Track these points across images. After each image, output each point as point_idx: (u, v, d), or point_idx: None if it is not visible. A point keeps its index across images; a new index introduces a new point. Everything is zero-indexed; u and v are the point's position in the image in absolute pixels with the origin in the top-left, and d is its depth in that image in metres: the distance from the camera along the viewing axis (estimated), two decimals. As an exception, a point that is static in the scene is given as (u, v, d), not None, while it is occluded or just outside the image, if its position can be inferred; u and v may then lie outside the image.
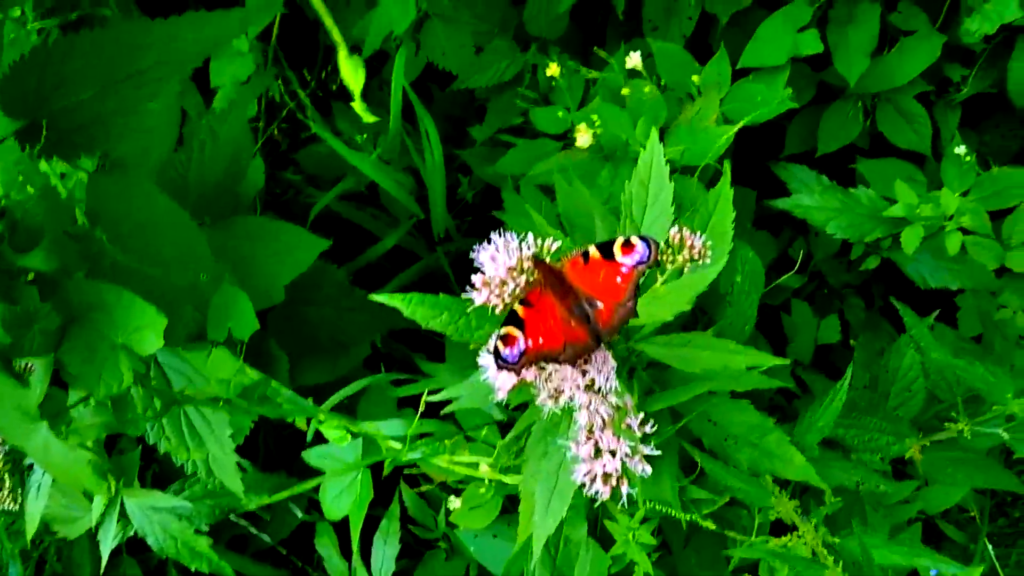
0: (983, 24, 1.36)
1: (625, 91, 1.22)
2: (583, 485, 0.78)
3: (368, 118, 0.71)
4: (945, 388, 1.12)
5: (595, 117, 1.20)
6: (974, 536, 1.60)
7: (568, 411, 0.82)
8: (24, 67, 0.78)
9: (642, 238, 0.79)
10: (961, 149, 1.43)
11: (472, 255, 0.82)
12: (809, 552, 0.97)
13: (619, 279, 0.80)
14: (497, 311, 0.81)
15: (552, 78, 1.33)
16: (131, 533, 1.23)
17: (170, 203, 0.91)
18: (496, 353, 0.76)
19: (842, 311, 1.77)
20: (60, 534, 1.23)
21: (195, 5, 1.52)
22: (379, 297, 0.87)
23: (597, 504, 0.82)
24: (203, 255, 0.93)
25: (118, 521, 1.16)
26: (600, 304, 0.80)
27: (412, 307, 0.87)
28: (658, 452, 0.80)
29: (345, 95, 1.62)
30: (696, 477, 1.08)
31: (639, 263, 0.79)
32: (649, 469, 0.78)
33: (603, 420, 0.79)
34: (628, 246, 0.79)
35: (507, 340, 0.76)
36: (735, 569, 1.10)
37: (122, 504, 1.20)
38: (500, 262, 0.81)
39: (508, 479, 1.05)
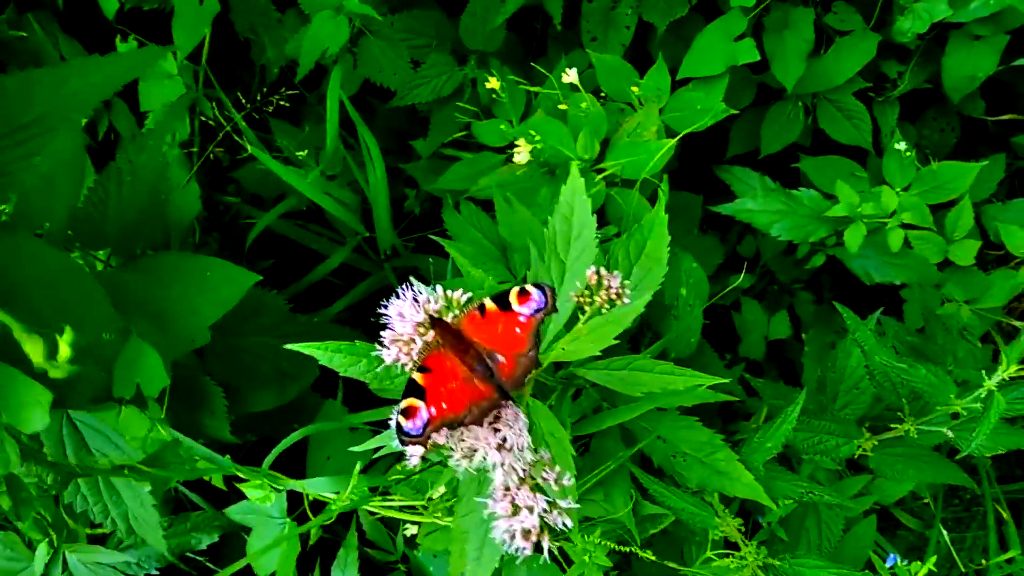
0: (915, 23, 1.38)
1: (563, 106, 1.21)
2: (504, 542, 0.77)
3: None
4: (890, 389, 1.14)
5: (534, 132, 1.19)
6: (929, 522, 1.62)
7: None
8: None
9: (537, 285, 0.78)
10: (902, 145, 1.45)
11: (380, 310, 0.80)
12: (750, 574, 0.97)
13: (518, 329, 0.78)
14: (407, 369, 0.79)
15: (493, 91, 1.32)
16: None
17: (65, 259, 0.88)
18: (399, 428, 0.75)
19: (792, 306, 1.78)
20: (6, 586, 1.20)
21: (122, 26, 1.48)
22: (295, 347, 0.85)
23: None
24: (104, 312, 0.90)
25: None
26: (501, 357, 0.78)
27: (329, 355, 0.85)
28: (576, 505, 0.78)
29: (283, 112, 1.59)
30: (644, 495, 1.09)
31: (537, 311, 0.78)
32: (570, 523, 0.77)
33: (518, 477, 0.78)
34: (524, 295, 0.78)
35: (408, 413, 0.75)
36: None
37: (63, 558, 1.17)
38: (408, 318, 0.79)
39: (443, 521, 1.04)
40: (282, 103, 1.50)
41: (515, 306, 0.78)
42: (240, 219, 1.64)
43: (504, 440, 0.78)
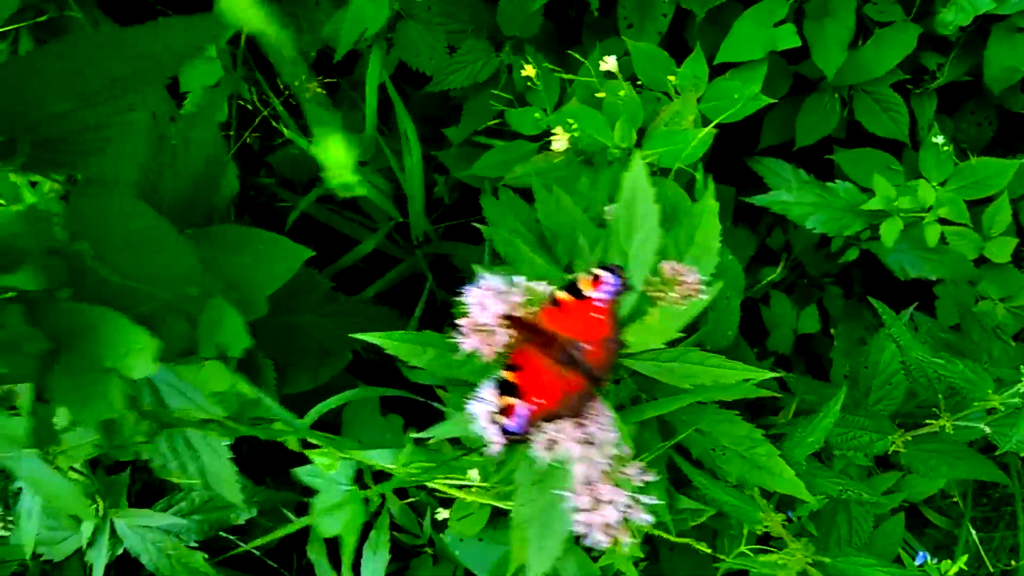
0: (958, 15, 1.36)
1: (600, 94, 1.20)
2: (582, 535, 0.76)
3: (360, 191, 0.68)
4: (925, 384, 1.13)
5: (571, 120, 1.18)
6: (957, 521, 1.61)
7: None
8: (-6, 80, 0.76)
9: (607, 268, 0.77)
10: (939, 139, 1.44)
11: (459, 297, 0.78)
12: (799, 567, 0.97)
13: (597, 315, 0.77)
14: (485, 359, 0.78)
15: (528, 78, 1.32)
16: (119, 552, 1.21)
17: (155, 216, 0.88)
18: (501, 429, 0.74)
19: (821, 300, 1.77)
20: (46, 556, 1.21)
21: (162, 7, 1.49)
22: (362, 336, 0.84)
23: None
24: (191, 269, 0.90)
25: (108, 541, 1.15)
26: (586, 345, 0.77)
27: (395, 344, 0.84)
28: (660, 501, 0.79)
29: (316, 98, 1.59)
30: (686, 487, 1.08)
31: (613, 294, 0.77)
32: (651, 519, 0.76)
33: (601, 472, 0.76)
34: (596, 280, 0.77)
35: (506, 411, 0.74)
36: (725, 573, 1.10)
37: (111, 524, 1.18)
38: (490, 309, 0.77)
39: (502, 504, 1.04)
40: (318, 90, 1.50)
41: (589, 292, 0.77)
42: (275, 202, 1.64)
43: (589, 434, 0.76)
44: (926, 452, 1.21)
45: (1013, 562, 1.58)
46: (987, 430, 1.12)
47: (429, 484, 1.06)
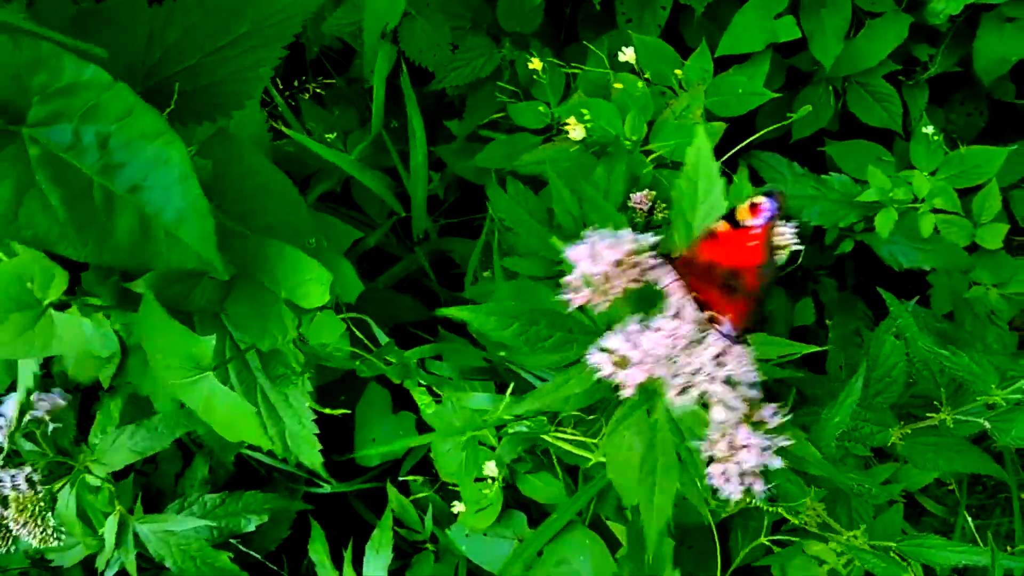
0: (949, 4, 1.38)
1: (618, 85, 1.21)
2: (714, 488, 0.76)
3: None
4: (929, 377, 1.14)
5: (585, 111, 1.19)
6: (953, 509, 1.63)
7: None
8: (129, 35, 0.78)
9: (766, 193, 0.78)
10: (929, 129, 1.45)
11: (566, 253, 0.79)
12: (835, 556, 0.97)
13: (753, 242, 0.78)
14: (601, 309, 0.78)
15: (534, 72, 1.32)
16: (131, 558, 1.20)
17: (277, 171, 0.90)
18: (722, 334, 0.75)
19: (816, 292, 1.78)
20: (55, 563, 1.20)
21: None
22: (447, 311, 0.83)
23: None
24: (307, 220, 0.92)
25: (118, 547, 1.14)
26: (743, 273, 0.78)
27: (482, 318, 0.82)
28: (792, 441, 0.76)
29: (313, 95, 1.59)
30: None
31: (769, 218, 0.77)
32: (781, 463, 0.75)
33: (739, 415, 0.75)
34: (754, 208, 0.78)
35: (715, 321, 0.75)
36: (736, 569, 1.11)
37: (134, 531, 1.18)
38: (604, 257, 0.77)
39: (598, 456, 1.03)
40: (319, 91, 1.50)
41: (746, 220, 0.78)
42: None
43: (729, 374, 0.75)
44: (924, 445, 1.22)
45: (1009, 548, 1.60)
46: (987, 425, 1.13)
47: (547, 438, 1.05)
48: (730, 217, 0.79)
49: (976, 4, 1.45)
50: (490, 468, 1.18)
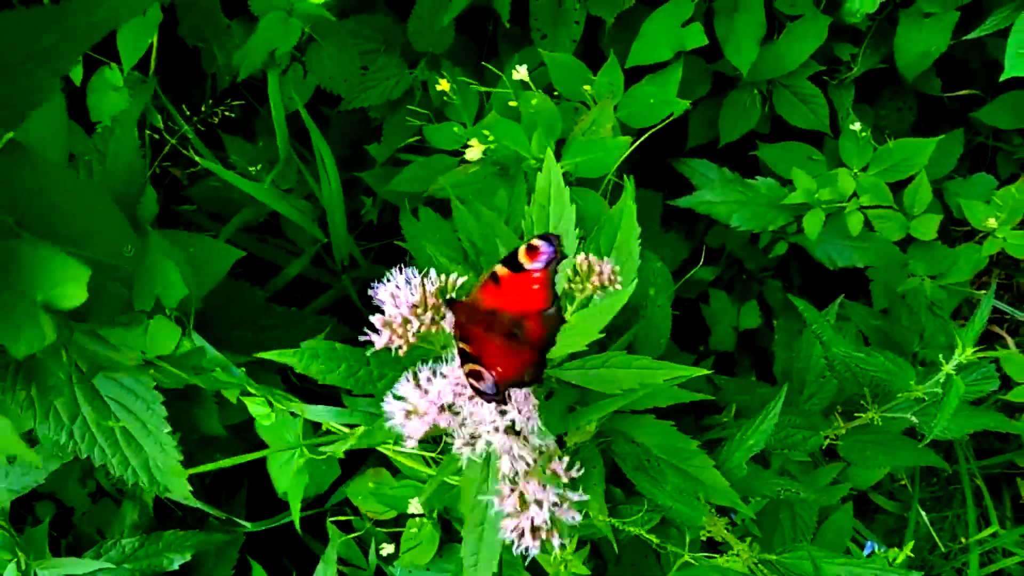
0: (864, 3, 1.38)
1: (513, 103, 1.20)
2: (512, 542, 0.74)
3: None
4: (851, 379, 1.13)
5: (487, 132, 1.17)
6: (908, 504, 1.62)
7: (487, 459, 0.78)
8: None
9: (542, 237, 0.77)
10: (856, 126, 1.45)
11: (371, 292, 0.78)
12: (746, 569, 0.96)
13: (535, 287, 0.77)
14: (401, 352, 0.76)
15: (444, 93, 1.31)
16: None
17: (81, 179, 0.87)
18: (475, 390, 0.73)
19: (762, 294, 1.78)
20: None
21: None
22: (268, 355, 0.82)
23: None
24: (122, 228, 0.89)
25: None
26: (526, 320, 0.77)
27: (306, 362, 0.82)
28: (586, 497, 0.75)
29: (236, 127, 1.57)
30: (627, 495, 1.07)
31: (548, 263, 0.76)
32: (579, 518, 0.74)
33: (527, 467, 0.74)
34: (532, 250, 0.76)
35: (474, 376, 0.73)
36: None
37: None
38: (402, 299, 0.76)
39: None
40: (227, 114, 1.47)
41: (526, 264, 0.77)
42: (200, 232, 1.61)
43: (512, 423, 0.74)
44: (862, 443, 1.22)
45: (963, 539, 1.59)
46: (914, 420, 1.13)
47: (385, 451, 1.03)
48: (511, 261, 0.77)
49: (894, 1, 1.45)
50: (414, 505, 1.16)
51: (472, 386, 0.72)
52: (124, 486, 1.27)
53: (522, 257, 0.77)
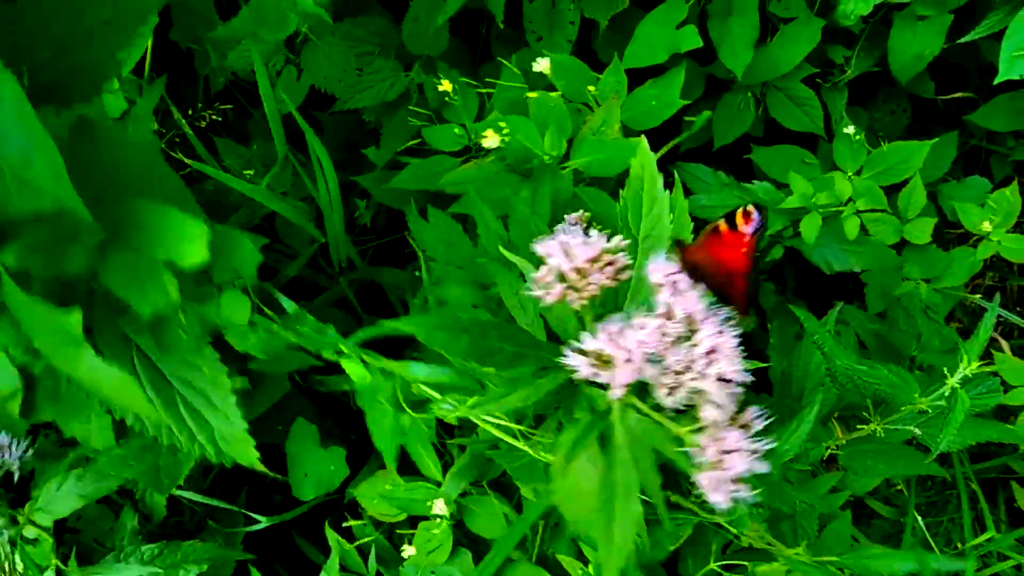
0: (858, 5, 1.38)
1: (533, 94, 1.20)
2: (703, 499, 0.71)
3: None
4: (853, 390, 1.12)
5: (503, 124, 1.18)
6: (903, 509, 1.62)
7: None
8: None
9: (756, 206, 0.85)
10: (850, 129, 1.45)
11: (535, 246, 0.76)
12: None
13: (744, 249, 0.85)
14: (576, 306, 0.75)
15: (445, 94, 1.31)
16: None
17: (151, 154, 0.86)
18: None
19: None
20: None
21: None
22: (393, 323, 0.79)
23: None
24: (192, 203, 0.87)
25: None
26: (732, 275, 0.85)
27: (431, 331, 0.77)
28: (775, 444, 0.73)
29: (230, 130, 1.56)
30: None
31: (755, 230, 0.84)
32: (768, 468, 0.71)
33: (728, 415, 0.71)
34: (747, 215, 0.84)
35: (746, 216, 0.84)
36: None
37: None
38: (579, 254, 0.74)
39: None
40: (215, 117, 1.47)
41: (741, 227, 0.84)
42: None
43: (720, 372, 0.70)
44: (862, 452, 1.21)
45: (960, 544, 1.59)
46: (917, 432, 1.12)
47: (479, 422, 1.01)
48: (730, 219, 0.84)
49: (888, 3, 1.45)
50: (439, 506, 1.16)
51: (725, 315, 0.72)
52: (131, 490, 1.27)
53: (739, 219, 0.84)
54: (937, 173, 1.58)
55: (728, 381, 0.71)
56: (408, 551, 1.27)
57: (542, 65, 1.26)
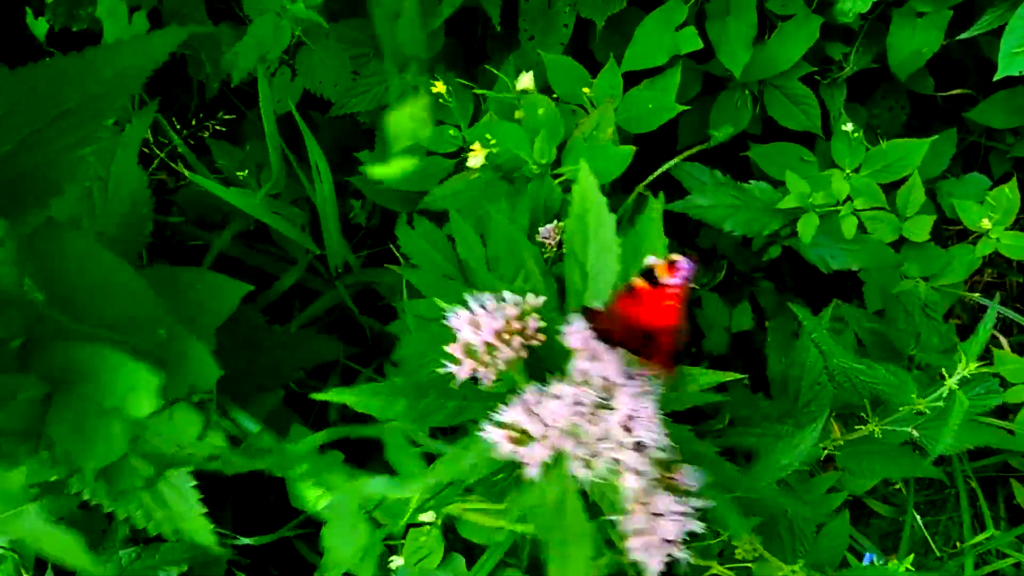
0: (856, 2, 1.37)
1: (519, 114, 1.18)
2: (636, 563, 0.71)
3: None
4: (851, 389, 1.12)
5: (489, 136, 1.16)
6: (902, 508, 1.61)
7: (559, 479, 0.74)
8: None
9: (682, 253, 0.78)
10: (848, 126, 1.44)
11: (446, 321, 0.75)
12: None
13: (669, 302, 0.77)
14: (488, 382, 0.75)
15: (439, 95, 1.29)
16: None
17: (116, 259, 0.84)
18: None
19: (754, 295, 1.77)
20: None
21: (53, 48, 1.44)
22: (324, 396, 0.79)
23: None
24: (157, 311, 0.85)
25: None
26: (657, 334, 0.77)
27: (365, 400, 0.78)
28: (711, 503, 0.73)
29: (223, 131, 1.55)
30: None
31: (685, 279, 0.77)
32: (702, 527, 0.72)
33: (651, 481, 0.72)
34: (671, 266, 0.77)
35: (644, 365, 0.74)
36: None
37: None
38: (487, 326, 0.74)
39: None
40: (218, 128, 1.46)
41: (663, 278, 0.77)
42: (187, 241, 1.60)
43: (639, 441, 0.71)
44: (859, 454, 1.21)
45: (958, 543, 1.59)
46: (915, 434, 1.12)
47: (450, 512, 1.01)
48: (648, 274, 0.77)
49: (886, 0, 1.44)
50: (427, 516, 1.15)
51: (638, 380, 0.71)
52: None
53: (660, 271, 0.77)
54: (936, 170, 1.57)
55: (646, 448, 0.71)
56: (396, 561, 1.26)
57: (525, 82, 1.23)
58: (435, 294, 1.04)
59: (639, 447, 0.71)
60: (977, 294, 1.63)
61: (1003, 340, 1.71)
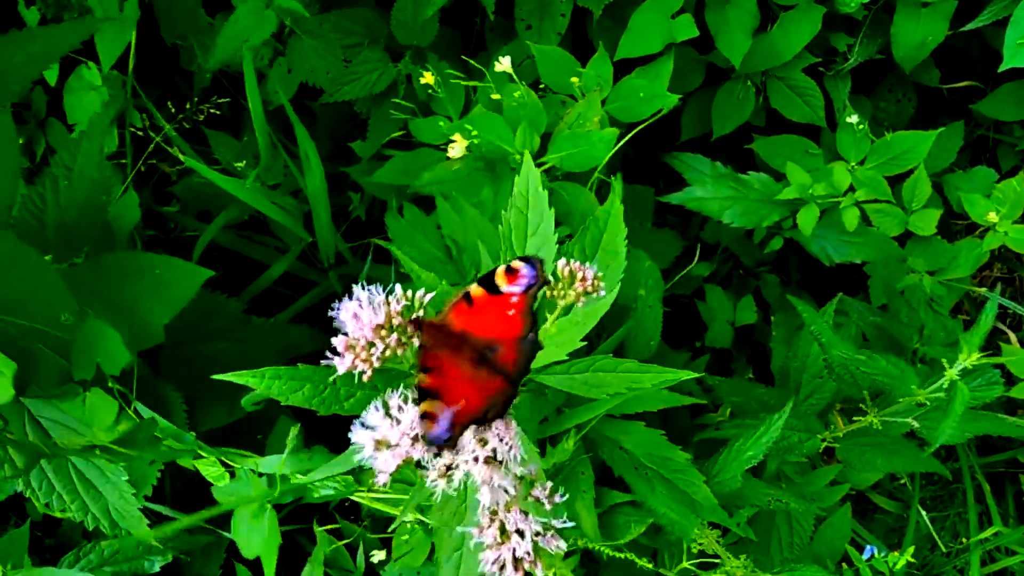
0: (859, -8, 1.35)
1: (495, 96, 1.16)
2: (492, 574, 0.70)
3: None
4: (851, 381, 1.10)
5: (470, 127, 1.14)
6: (908, 503, 1.59)
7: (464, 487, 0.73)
8: None
9: (524, 259, 0.71)
10: (854, 118, 1.42)
11: (331, 313, 0.72)
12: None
13: (512, 311, 0.71)
14: (365, 378, 0.71)
15: (428, 86, 1.28)
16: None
17: (15, 242, 0.83)
18: (423, 438, 0.67)
19: (759, 289, 1.75)
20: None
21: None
22: (225, 377, 0.78)
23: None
24: (60, 293, 0.85)
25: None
26: (500, 346, 0.71)
27: (267, 383, 0.77)
28: (571, 524, 0.71)
29: (221, 122, 1.54)
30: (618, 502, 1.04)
31: (528, 287, 0.71)
32: (564, 546, 0.70)
33: (508, 497, 0.70)
34: (512, 273, 0.71)
35: (428, 417, 0.67)
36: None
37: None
38: (365, 320, 0.70)
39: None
40: (213, 111, 1.45)
41: (504, 286, 0.71)
42: (184, 233, 1.59)
43: (494, 452, 0.69)
44: (860, 446, 1.19)
45: (964, 540, 1.56)
46: (915, 425, 1.10)
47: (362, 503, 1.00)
48: (487, 281, 0.72)
49: (891, -10, 1.42)
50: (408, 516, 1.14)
51: (423, 431, 0.67)
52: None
53: (500, 279, 0.71)
54: (943, 163, 1.55)
55: (501, 463, 0.69)
56: (378, 556, 1.26)
57: (504, 65, 1.20)
58: (431, 273, 1.03)
59: (492, 460, 0.69)
60: (985, 289, 1.60)
61: (1011, 335, 1.69)
